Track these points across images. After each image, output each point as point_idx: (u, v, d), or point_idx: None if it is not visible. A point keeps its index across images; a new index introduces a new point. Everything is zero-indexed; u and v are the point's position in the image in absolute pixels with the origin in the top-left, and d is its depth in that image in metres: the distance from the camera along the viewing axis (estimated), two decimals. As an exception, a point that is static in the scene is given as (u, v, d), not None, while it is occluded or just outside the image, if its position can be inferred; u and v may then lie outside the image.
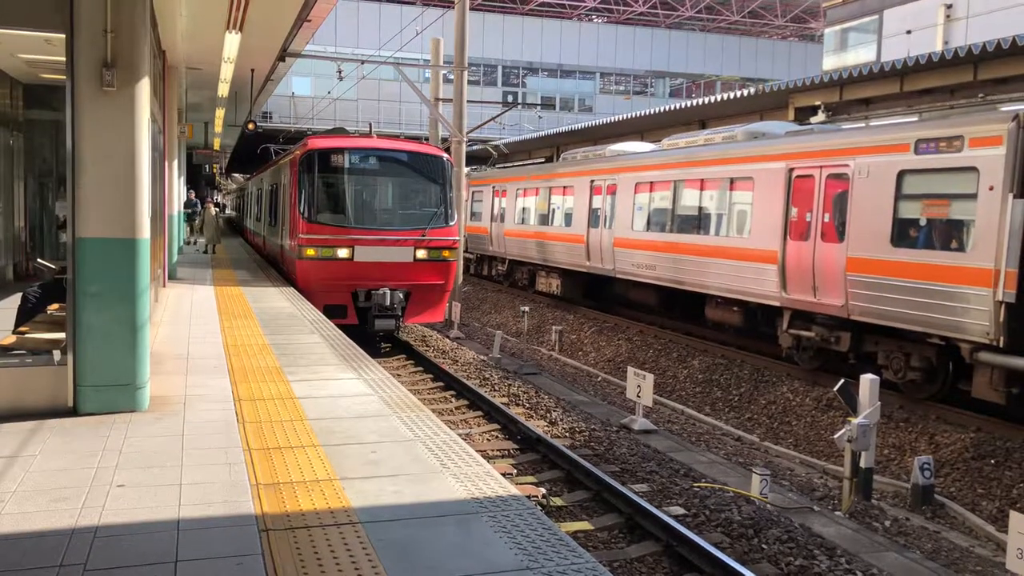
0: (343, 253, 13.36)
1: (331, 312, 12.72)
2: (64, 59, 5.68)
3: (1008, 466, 8.85)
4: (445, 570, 3.48)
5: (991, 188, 9.15)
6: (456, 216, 14.56)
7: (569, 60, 48.17)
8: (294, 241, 13.95)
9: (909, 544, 7.22)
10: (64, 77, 5.68)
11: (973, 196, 9.39)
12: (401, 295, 13.72)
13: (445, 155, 14.87)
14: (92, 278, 5.71)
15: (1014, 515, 6.13)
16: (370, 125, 16.94)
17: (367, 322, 13.63)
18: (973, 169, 9.40)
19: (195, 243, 25.00)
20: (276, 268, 17.96)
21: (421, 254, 13.80)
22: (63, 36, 5.67)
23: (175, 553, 3.57)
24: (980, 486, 8.76)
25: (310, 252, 13.34)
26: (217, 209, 24.64)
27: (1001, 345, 9.01)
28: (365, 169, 14.09)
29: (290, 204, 14.45)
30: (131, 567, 3.43)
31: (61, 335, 6.13)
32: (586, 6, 47.85)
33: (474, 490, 4.44)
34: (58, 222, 12.00)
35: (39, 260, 10.37)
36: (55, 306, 7.89)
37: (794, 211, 12.27)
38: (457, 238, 14.38)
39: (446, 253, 14.08)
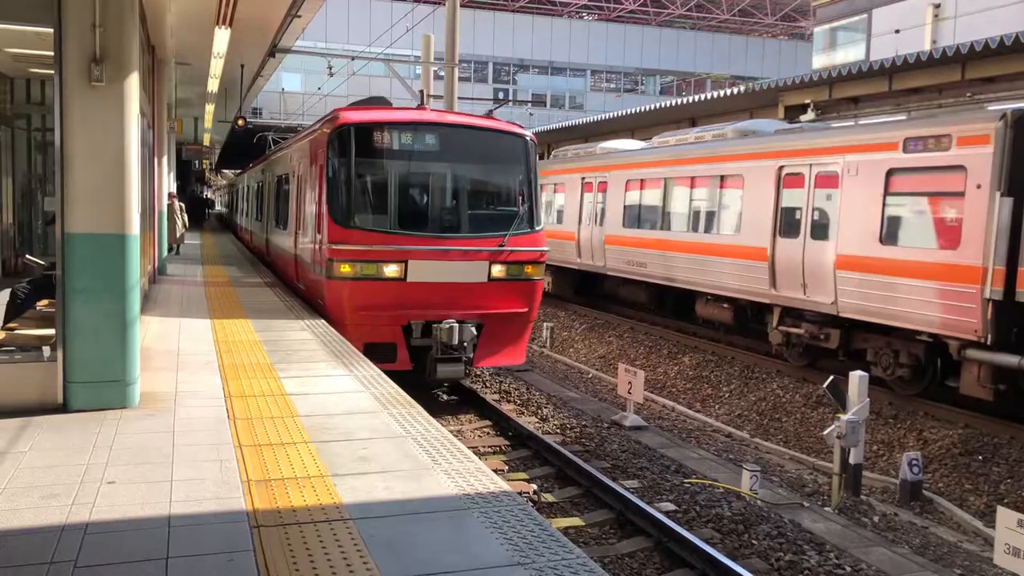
0: (392, 271, 9.72)
1: (375, 353, 9.28)
2: (52, 53, 5.64)
3: (995, 462, 8.93)
4: (436, 566, 3.48)
5: (979, 186, 9.21)
6: (542, 219, 10.84)
7: (560, 57, 48.22)
8: (320, 253, 10.30)
9: (898, 539, 7.27)
10: (52, 72, 5.64)
11: (961, 194, 9.45)
12: (473, 329, 9.97)
13: (528, 133, 11.02)
14: (81, 274, 5.67)
15: (1002, 511, 6.19)
16: (422, 93, 12.63)
17: (425, 368, 10.02)
18: (961, 167, 9.46)
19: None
20: (287, 283, 13.88)
21: (498, 271, 10.09)
22: (51, 30, 5.63)
23: (166, 549, 3.56)
24: (968, 482, 8.83)
25: (345, 269, 9.72)
26: (181, 204, 20.24)
27: (989, 342, 9.08)
28: (421, 152, 10.30)
29: (313, 202, 10.89)
30: (122, 563, 3.42)
31: (50, 331, 6.10)
32: (576, 4, 47.85)
33: (465, 486, 4.44)
34: (47, 217, 11.92)
35: (28, 256, 10.31)
36: (44, 302, 7.85)
37: (784, 209, 12.32)
38: (546, 248, 10.77)
39: (529, 269, 10.30)
